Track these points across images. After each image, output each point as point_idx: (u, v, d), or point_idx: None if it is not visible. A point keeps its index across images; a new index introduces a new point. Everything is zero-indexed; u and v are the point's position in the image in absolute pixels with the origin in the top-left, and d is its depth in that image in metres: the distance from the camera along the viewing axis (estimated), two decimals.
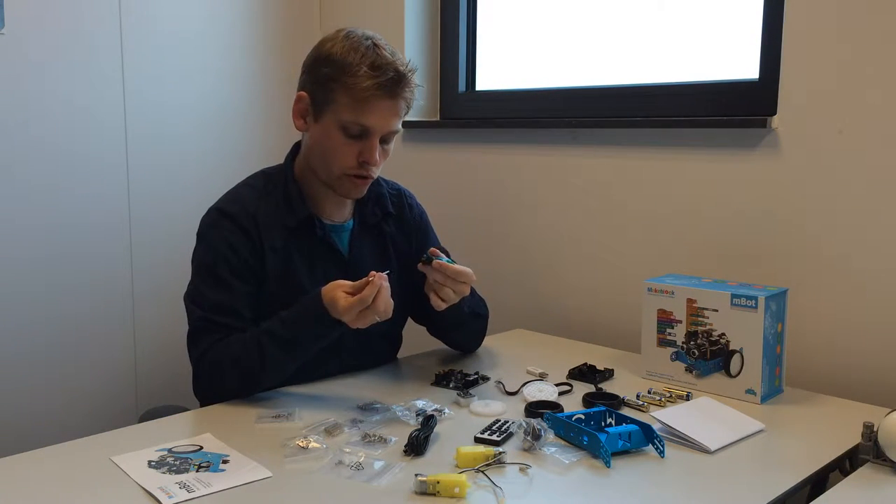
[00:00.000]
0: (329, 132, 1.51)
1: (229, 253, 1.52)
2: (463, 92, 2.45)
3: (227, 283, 1.51)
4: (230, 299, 1.51)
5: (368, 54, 1.46)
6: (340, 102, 1.48)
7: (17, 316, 2.09)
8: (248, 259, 1.52)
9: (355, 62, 1.45)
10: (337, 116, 1.49)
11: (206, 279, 1.53)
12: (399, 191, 1.75)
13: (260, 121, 2.54)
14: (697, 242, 1.87)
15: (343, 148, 1.50)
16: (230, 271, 1.51)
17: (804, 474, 1.19)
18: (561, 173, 2.12)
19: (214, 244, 1.53)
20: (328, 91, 1.48)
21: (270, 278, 1.54)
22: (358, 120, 1.47)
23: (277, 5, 2.57)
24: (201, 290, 1.53)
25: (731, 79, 1.88)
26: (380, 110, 1.48)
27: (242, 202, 1.56)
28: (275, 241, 1.54)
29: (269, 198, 1.57)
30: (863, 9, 1.58)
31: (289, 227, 1.56)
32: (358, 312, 1.37)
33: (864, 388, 1.61)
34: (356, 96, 1.46)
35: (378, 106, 1.47)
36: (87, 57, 2.16)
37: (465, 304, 1.58)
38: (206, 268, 1.53)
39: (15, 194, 2.06)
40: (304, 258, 1.57)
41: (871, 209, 1.61)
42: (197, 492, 1.09)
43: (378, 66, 1.45)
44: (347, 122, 1.48)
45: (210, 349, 1.48)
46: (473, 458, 1.17)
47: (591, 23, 2.19)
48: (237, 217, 1.53)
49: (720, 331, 1.52)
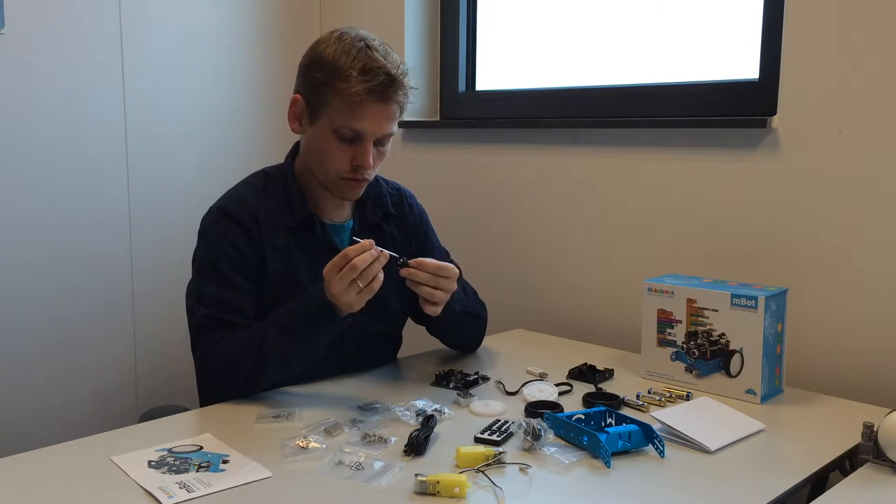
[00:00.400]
0: (323, 136, 1.50)
1: (231, 251, 1.52)
2: (463, 92, 2.45)
3: (230, 280, 1.51)
4: (234, 297, 1.51)
5: (360, 57, 1.45)
6: (333, 107, 1.47)
7: (17, 316, 2.09)
8: (250, 257, 1.53)
9: (346, 66, 1.44)
10: (330, 121, 1.48)
11: (210, 277, 1.52)
12: (399, 191, 1.75)
13: (260, 120, 2.54)
14: (697, 242, 1.87)
15: (337, 152, 1.50)
16: (233, 269, 1.52)
17: (804, 474, 1.19)
18: (561, 173, 2.12)
19: (216, 242, 1.53)
20: (321, 95, 1.48)
21: (271, 278, 1.54)
22: (350, 125, 1.47)
23: (277, 5, 2.57)
24: (204, 287, 1.52)
25: (731, 79, 1.88)
26: (371, 115, 1.47)
27: (244, 201, 1.56)
28: (275, 241, 1.54)
29: (270, 197, 1.58)
30: (863, 9, 1.58)
31: (289, 227, 1.56)
32: (349, 283, 1.36)
33: (864, 388, 1.61)
34: (347, 101, 1.45)
35: (369, 110, 1.46)
36: (87, 57, 2.16)
37: (455, 303, 1.58)
38: (208, 266, 1.53)
39: (15, 194, 2.06)
40: (304, 258, 1.57)
41: (871, 209, 1.61)
42: (197, 492, 1.09)
43: (368, 70, 1.44)
44: (340, 126, 1.48)
45: (214, 346, 1.48)
46: (473, 458, 1.17)
47: (591, 23, 2.19)
48: (239, 216, 1.53)
49: (720, 331, 1.52)
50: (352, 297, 1.38)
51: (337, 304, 1.40)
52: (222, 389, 1.48)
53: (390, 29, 2.44)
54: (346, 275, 1.36)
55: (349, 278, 1.37)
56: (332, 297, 1.39)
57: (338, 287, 1.38)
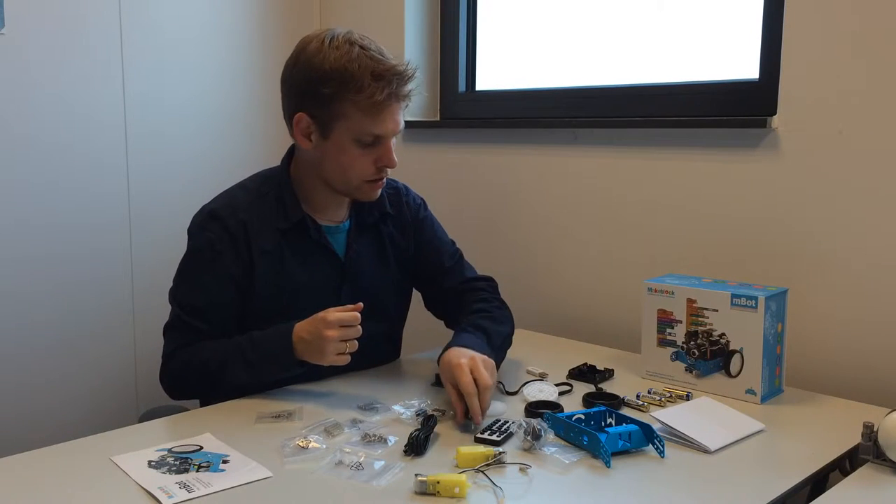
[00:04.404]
0: (342, 147, 1.49)
1: (212, 256, 1.52)
2: (463, 92, 2.45)
3: (204, 286, 1.53)
4: (204, 302, 1.53)
5: (364, 62, 1.43)
6: (350, 118, 1.46)
7: (17, 316, 2.09)
8: (231, 268, 1.52)
9: (356, 75, 1.42)
10: (348, 131, 1.47)
11: (187, 279, 1.56)
12: (396, 188, 1.72)
13: (260, 120, 2.54)
14: (697, 242, 1.87)
15: (360, 159, 1.50)
16: (209, 275, 1.53)
17: (804, 474, 1.19)
18: (561, 173, 2.12)
19: (198, 245, 1.55)
20: (333, 109, 1.46)
21: (261, 282, 1.53)
22: (372, 131, 1.47)
23: (277, 5, 2.57)
24: (180, 288, 1.57)
25: (731, 79, 1.88)
26: (390, 116, 1.47)
27: (233, 205, 1.55)
28: (266, 245, 1.54)
29: (263, 200, 1.56)
30: (863, 9, 1.58)
31: (281, 230, 1.55)
32: (338, 344, 1.40)
33: (864, 388, 1.61)
34: (367, 109, 1.44)
35: (388, 113, 1.46)
36: (87, 57, 2.16)
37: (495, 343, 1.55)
38: (188, 268, 1.56)
39: (15, 194, 2.06)
40: (297, 261, 1.56)
41: (871, 209, 1.61)
42: (197, 492, 1.09)
43: (380, 75, 1.43)
44: (361, 134, 1.47)
45: (179, 351, 1.53)
46: (473, 458, 1.17)
47: (591, 23, 2.19)
48: (226, 220, 1.53)
49: (720, 331, 1.52)
50: (338, 358, 1.41)
51: (313, 361, 1.43)
52: (175, 392, 1.55)
53: (390, 29, 2.44)
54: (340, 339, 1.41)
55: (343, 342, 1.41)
56: (321, 360, 1.42)
57: (331, 353, 1.40)
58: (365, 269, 1.62)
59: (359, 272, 1.61)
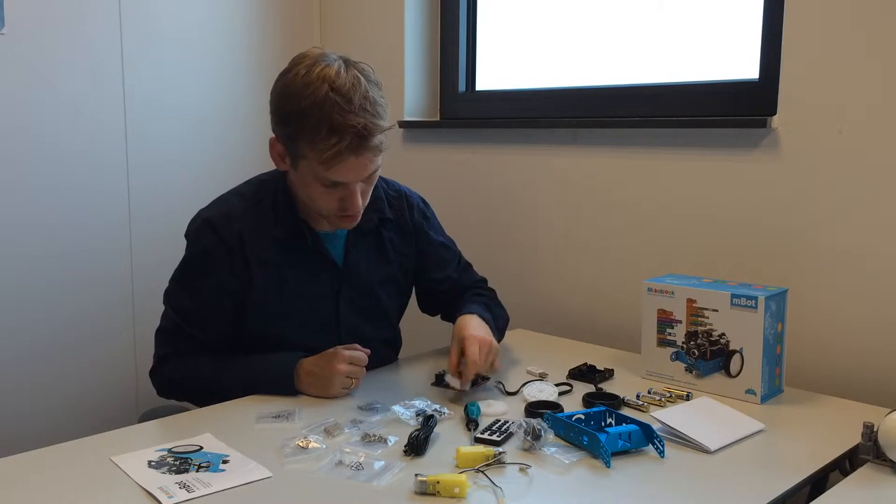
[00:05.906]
0: (306, 181, 1.45)
1: (207, 264, 1.52)
2: (463, 92, 2.45)
3: (199, 292, 1.53)
4: (199, 309, 1.54)
5: (327, 111, 1.35)
6: (311, 160, 1.40)
7: (17, 316, 2.09)
8: (226, 279, 1.52)
9: (314, 123, 1.36)
10: (309, 170, 1.42)
11: (184, 284, 1.56)
12: (399, 192, 1.70)
13: (260, 121, 2.51)
14: (697, 242, 1.87)
15: (323, 196, 1.45)
16: (205, 282, 1.53)
17: (804, 474, 1.19)
18: (561, 173, 2.12)
19: (195, 253, 1.55)
20: (296, 146, 1.42)
21: (259, 291, 1.53)
22: (329, 178, 1.41)
23: (277, 6, 2.57)
24: (176, 292, 1.57)
25: (731, 79, 1.88)
26: (348, 167, 1.40)
27: (229, 215, 1.53)
28: (262, 254, 1.52)
29: (259, 207, 1.54)
30: (862, 8, 1.58)
31: (277, 238, 1.53)
32: (345, 379, 1.47)
33: (864, 388, 1.61)
34: (321, 159, 1.38)
35: (345, 165, 1.39)
36: (87, 57, 2.16)
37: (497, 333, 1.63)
38: (184, 272, 1.56)
39: (15, 194, 2.06)
40: (295, 269, 1.55)
41: (871, 209, 1.61)
42: (197, 492, 1.09)
43: (337, 129, 1.35)
44: (320, 177, 1.42)
45: (175, 358, 1.55)
46: (473, 458, 1.17)
47: (591, 23, 2.19)
48: (221, 231, 1.51)
49: (720, 331, 1.52)
50: (341, 392, 1.48)
51: (315, 394, 1.47)
52: (166, 395, 1.58)
53: (390, 29, 2.44)
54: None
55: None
56: (325, 392, 1.46)
57: (338, 385, 1.46)
58: (364, 273, 1.61)
59: (358, 277, 1.60)
